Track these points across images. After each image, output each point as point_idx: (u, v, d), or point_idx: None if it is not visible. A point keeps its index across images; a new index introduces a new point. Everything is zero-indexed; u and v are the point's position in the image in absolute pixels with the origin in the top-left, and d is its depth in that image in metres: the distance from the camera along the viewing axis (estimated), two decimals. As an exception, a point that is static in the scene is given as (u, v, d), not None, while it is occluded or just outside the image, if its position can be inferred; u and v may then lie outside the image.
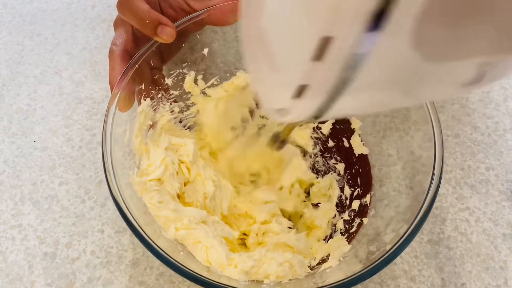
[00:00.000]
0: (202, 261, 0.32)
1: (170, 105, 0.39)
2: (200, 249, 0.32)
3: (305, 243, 0.37)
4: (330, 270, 0.32)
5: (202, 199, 0.37)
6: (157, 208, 0.32)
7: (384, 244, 0.29)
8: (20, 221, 0.40)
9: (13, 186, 0.42)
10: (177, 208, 0.33)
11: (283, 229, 0.38)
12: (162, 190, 0.34)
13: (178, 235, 0.32)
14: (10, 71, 0.50)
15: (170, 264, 0.27)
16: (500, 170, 0.44)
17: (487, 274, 0.38)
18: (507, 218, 0.41)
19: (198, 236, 0.32)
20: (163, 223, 0.32)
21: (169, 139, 0.37)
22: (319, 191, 0.41)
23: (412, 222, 0.28)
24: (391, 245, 0.28)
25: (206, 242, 0.32)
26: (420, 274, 0.38)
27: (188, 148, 0.37)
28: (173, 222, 0.32)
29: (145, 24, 0.33)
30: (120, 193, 0.29)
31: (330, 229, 0.38)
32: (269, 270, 0.32)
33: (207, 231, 0.33)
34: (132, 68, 0.34)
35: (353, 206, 0.38)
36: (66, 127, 0.45)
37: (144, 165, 0.35)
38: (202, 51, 0.40)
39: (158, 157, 0.35)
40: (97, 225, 0.39)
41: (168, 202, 0.33)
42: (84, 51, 0.52)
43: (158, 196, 0.33)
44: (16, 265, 0.37)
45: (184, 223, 0.32)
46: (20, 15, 0.55)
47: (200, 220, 0.34)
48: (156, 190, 0.33)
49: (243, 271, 0.31)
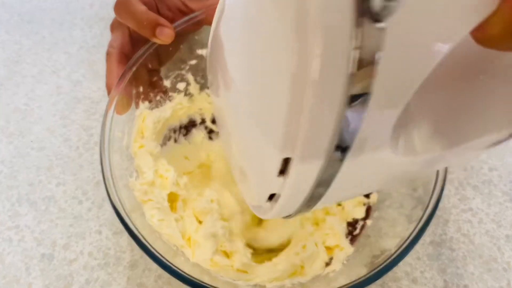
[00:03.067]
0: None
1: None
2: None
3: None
4: (334, 274, 0.31)
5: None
6: (159, 226, 0.32)
7: (389, 246, 0.29)
8: (17, 222, 0.39)
9: (10, 187, 0.41)
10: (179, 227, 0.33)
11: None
12: (162, 207, 0.33)
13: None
14: (7, 70, 0.49)
15: (168, 268, 0.26)
16: (503, 171, 0.43)
17: (490, 276, 0.37)
18: (510, 219, 0.40)
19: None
20: (166, 240, 0.32)
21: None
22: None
23: (417, 224, 0.28)
24: (396, 248, 0.27)
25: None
26: (422, 275, 0.37)
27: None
28: (175, 240, 0.32)
29: (143, 25, 0.33)
30: (119, 197, 0.29)
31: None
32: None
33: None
34: (129, 71, 0.33)
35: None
36: (64, 127, 0.45)
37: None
38: (201, 52, 0.40)
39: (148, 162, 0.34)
40: (95, 226, 0.39)
41: (170, 221, 0.33)
42: (82, 50, 0.51)
43: (159, 214, 0.32)
44: (13, 267, 0.37)
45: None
46: (18, 13, 0.55)
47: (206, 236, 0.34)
48: (156, 208, 0.32)
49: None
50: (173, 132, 0.40)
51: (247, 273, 0.32)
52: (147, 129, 0.35)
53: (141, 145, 0.35)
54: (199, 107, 0.41)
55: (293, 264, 0.33)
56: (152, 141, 0.35)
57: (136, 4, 0.33)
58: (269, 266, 0.33)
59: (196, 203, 0.36)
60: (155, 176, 0.34)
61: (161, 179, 0.35)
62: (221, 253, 0.34)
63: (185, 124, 0.41)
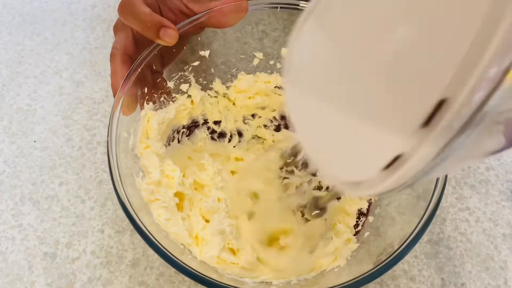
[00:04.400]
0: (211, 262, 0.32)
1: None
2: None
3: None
4: (338, 270, 0.32)
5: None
6: (165, 225, 0.32)
7: (392, 242, 0.29)
8: (20, 221, 0.40)
9: (13, 186, 0.42)
10: (186, 225, 0.34)
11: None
12: (169, 206, 0.33)
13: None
14: (10, 71, 0.50)
15: (177, 265, 0.27)
16: (500, 170, 0.44)
17: (487, 274, 0.38)
18: (507, 218, 0.41)
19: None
20: (173, 238, 0.32)
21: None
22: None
23: (420, 219, 0.28)
24: (398, 244, 0.28)
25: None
26: (420, 274, 0.38)
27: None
28: (182, 238, 0.33)
29: (147, 27, 0.33)
30: (127, 197, 0.29)
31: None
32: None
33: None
34: (134, 72, 0.34)
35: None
36: (66, 127, 0.45)
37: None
38: (203, 53, 0.40)
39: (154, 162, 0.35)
40: (97, 225, 0.39)
41: (177, 220, 0.33)
42: (84, 51, 0.52)
43: (166, 213, 0.32)
44: (16, 265, 0.37)
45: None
46: (20, 15, 0.55)
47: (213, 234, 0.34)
48: (163, 207, 0.33)
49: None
50: (176, 133, 0.41)
51: (253, 271, 0.33)
52: (152, 130, 0.36)
53: (147, 146, 0.35)
54: (201, 109, 0.42)
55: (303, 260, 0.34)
56: (157, 142, 0.36)
57: (140, 6, 0.34)
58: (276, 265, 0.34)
59: (202, 203, 0.37)
60: (161, 176, 0.34)
61: (167, 179, 0.35)
62: (228, 250, 0.34)
63: (188, 124, 0.42)
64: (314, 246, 0.35)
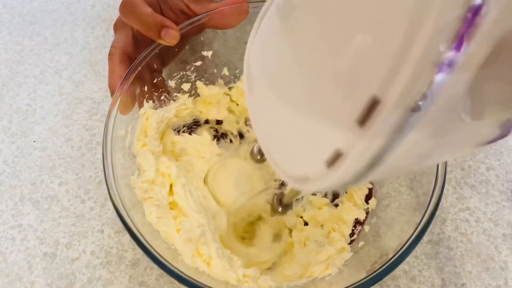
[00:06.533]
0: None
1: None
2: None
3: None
4: (329, 278, 0.31)
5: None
6: (156, 223, 0.32)
7: (387, 250, 0.28)
8: (20, 221, 0.39)
9: (13, 186, 0.41)
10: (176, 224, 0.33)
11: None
12: (161, 205, 0.33)
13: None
14: (9, 71, 0.50)
15: (169, 270, 0.26)
16: (500, 170, 0.44)
17: (487, 275, 0.38)
18: (507, 218, 0.41)
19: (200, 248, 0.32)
20: (164, 238, 0.32)
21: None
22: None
23: (416, 228, 0.27)
24: (393, 253, 0.27)
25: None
26: (420, 274, 0.38)
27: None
28: (172, 238, 0.32)
29: (149, 27, 0.33)
30: (120, 196, 0.29)
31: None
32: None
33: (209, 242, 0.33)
34: (133, 72, 0.33)
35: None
36: (66, 127, 0.45)
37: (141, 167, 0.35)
38: (205, 53, 0.40)
39: (150, 160, 0.35)
40: (97, 225, 0.39)
41: (168, 219, 0.33)
42: (84, 51, 0.52)
43: (157, 211, 0.32)
44: (16, 265, 0.37)
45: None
46: (20, 14, 0.55)
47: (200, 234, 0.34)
48: (155, 205, 0.32)
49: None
50: (177, 132, 0.41)
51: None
52: (151, 128, 0.35)
53: (144, 144, 0.35)
54: (201, 109, 0.42)
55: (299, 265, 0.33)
56: (154, 140, 0.36)
57: (142, 5, 0.33)
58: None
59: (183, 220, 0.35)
60: (156, 174, 0.34)
61: (162, 177, 0.35)
62: (199, 256, 0.33)
63: (189, 124, 0.42)
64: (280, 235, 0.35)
